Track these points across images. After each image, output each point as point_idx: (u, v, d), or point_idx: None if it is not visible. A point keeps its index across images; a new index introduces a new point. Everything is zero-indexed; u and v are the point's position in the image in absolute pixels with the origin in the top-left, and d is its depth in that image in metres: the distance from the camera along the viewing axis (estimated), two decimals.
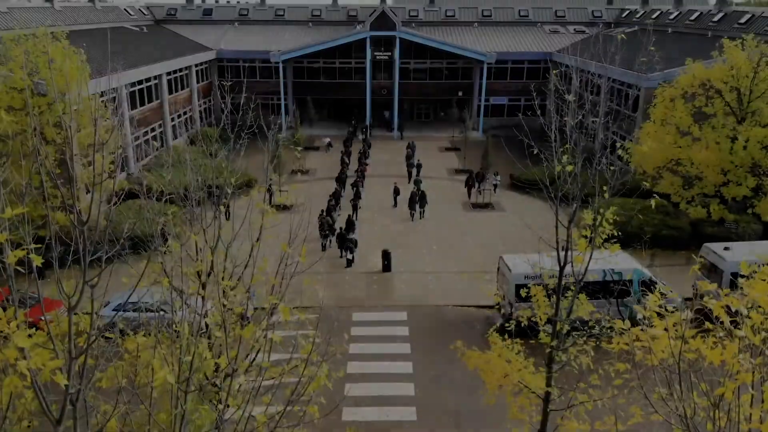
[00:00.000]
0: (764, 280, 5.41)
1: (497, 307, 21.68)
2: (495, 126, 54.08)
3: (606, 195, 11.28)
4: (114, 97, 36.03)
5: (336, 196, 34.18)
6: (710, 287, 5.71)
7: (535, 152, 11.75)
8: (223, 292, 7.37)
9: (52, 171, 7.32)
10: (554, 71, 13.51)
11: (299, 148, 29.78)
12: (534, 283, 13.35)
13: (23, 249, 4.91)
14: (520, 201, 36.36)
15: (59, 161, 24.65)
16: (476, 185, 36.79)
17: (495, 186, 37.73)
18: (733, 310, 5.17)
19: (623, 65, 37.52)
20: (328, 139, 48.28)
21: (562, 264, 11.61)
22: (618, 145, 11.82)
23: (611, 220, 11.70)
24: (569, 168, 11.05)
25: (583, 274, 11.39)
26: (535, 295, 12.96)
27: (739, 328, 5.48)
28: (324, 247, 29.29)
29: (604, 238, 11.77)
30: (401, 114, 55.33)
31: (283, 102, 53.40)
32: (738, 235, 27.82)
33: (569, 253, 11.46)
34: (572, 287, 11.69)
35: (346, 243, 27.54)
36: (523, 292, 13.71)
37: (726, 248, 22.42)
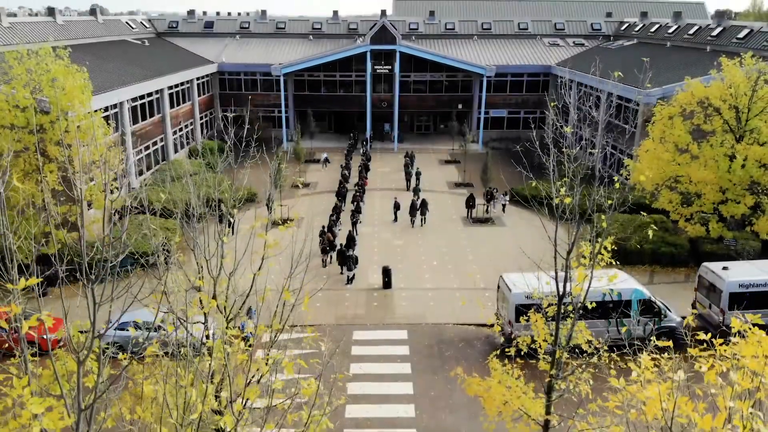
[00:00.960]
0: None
1: (500, 334, 21.78)
2: (495, 138, 54.42)
3: (604, 224, 11.45)
4: (116, 114, 36.26)
5: (337, 211, 34.34)
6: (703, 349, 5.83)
7: (533, 184, 11.90)
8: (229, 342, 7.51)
9: (51, 188, 7.47)
10: (552, 104, 13.66)
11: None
12: (533, 304, 13.46)
13: (38, 319, 5.07)
14: (520, 216, 36.39)
15: (61, 178, 24.89)
16: (485, 205, 36.37)
17: (504, 206, 37.14)
18: (724, 368, 5.30)
19: (621, 80, 37.74)
20: (325, 155, 48.21)
21: (560, 293, 11.76)
22: (615, 178, 11.92)
23: (609, 248, 11.87)
24: (567, 201, 11.22)
25: (582, 301, 11.55)
26: (534, 322, 13.08)
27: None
28: (324, 263, 29.44)
29: (602, 266, 11.93)
30: (401, 126, 55.58)
31: (284, 115, 53.66)
32: (737, 252, 27.90)
33: (568, 279, 11.61)
34: (572, 315, 11.85)
35: (347, 260, 27.65)
36: (522, 320, 13.83)
37: (724, 268, 22.51)
